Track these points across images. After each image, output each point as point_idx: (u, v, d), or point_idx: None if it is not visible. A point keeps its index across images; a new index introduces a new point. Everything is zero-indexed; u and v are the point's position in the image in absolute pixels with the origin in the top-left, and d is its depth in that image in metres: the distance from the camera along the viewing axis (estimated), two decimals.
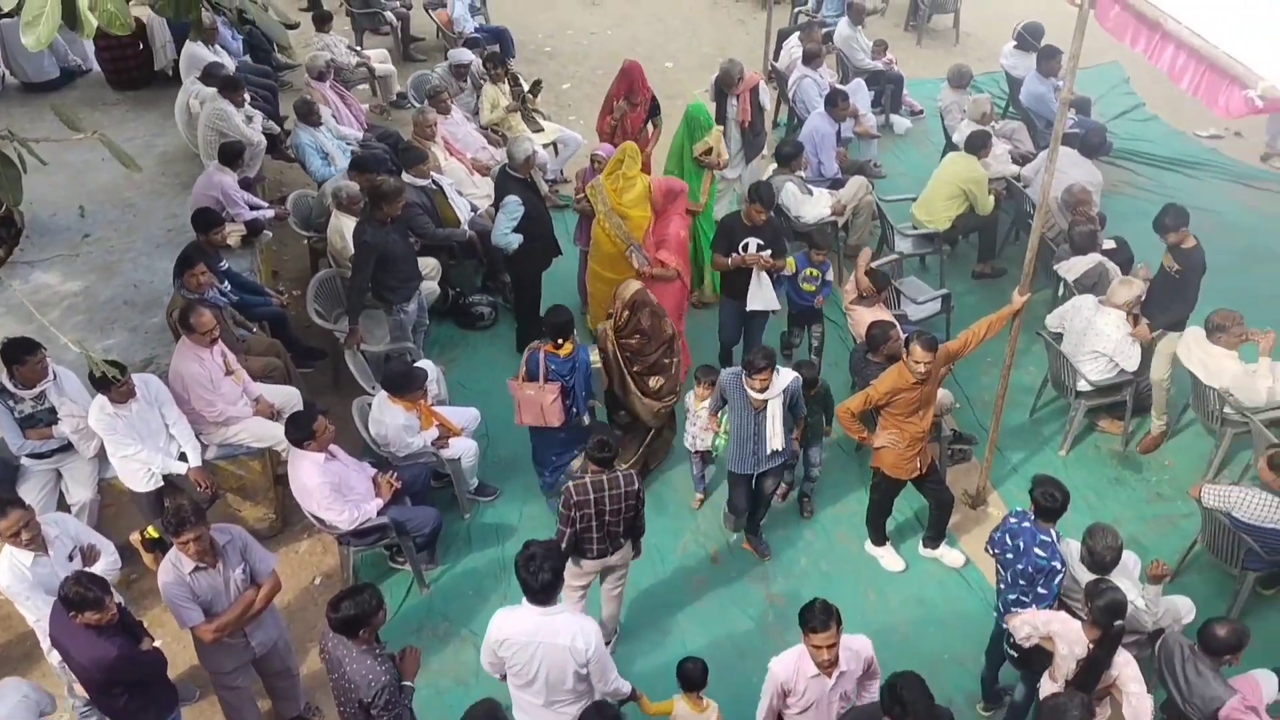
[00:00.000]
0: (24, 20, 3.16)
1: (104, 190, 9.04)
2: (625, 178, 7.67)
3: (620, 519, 5.69)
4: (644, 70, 9.10)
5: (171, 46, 10.67)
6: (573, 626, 4.73)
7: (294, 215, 8.68)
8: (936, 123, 10.76)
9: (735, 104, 9.32)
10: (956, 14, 13.08)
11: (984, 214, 8.93)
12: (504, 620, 4.79)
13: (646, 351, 6.93)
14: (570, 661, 4.71)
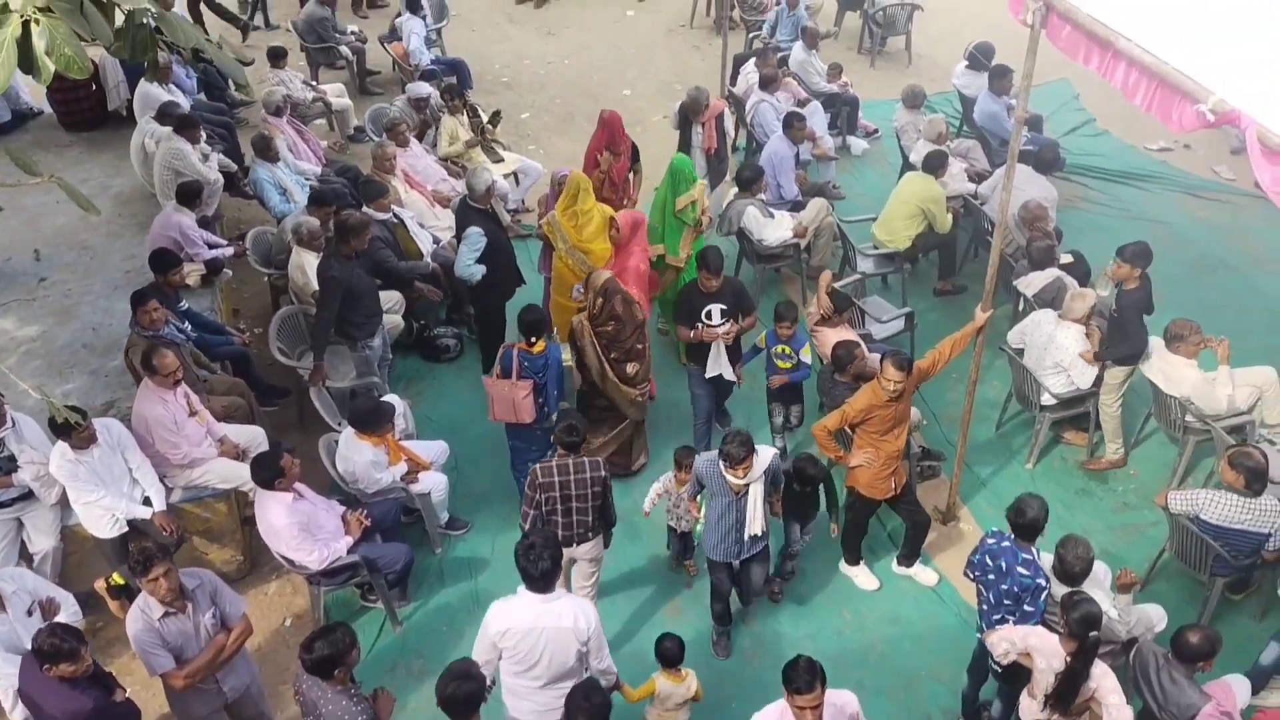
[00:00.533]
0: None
1: (60, 233, 8.93)
2: (582, 213, 7.69)
3: (588, 505, 5.85)
4: (621, 118, 8.90)
5: (125, 86, 10.58)
6: (573, 608, 4.94)
7: (253, 252, 8.61)
8: (893, 143, 10.90)
9: (700, 131, 9.38)
10: (908, 36, 13.28)
11: (943, 232, 9.04)
12: (503, 611, 4.93)
13: (622, 337, 7.03)
14: (574, 643, 4.90)
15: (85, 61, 3.13)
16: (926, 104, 10.88)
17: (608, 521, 6.06)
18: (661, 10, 14.71)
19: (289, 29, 12.98)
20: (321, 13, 12.11)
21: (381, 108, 10.94)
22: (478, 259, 7.84)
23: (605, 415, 7.30)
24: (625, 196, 8.83)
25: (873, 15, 13.18)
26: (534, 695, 5.06)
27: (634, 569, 6.90)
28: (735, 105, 11.27)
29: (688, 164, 8.29)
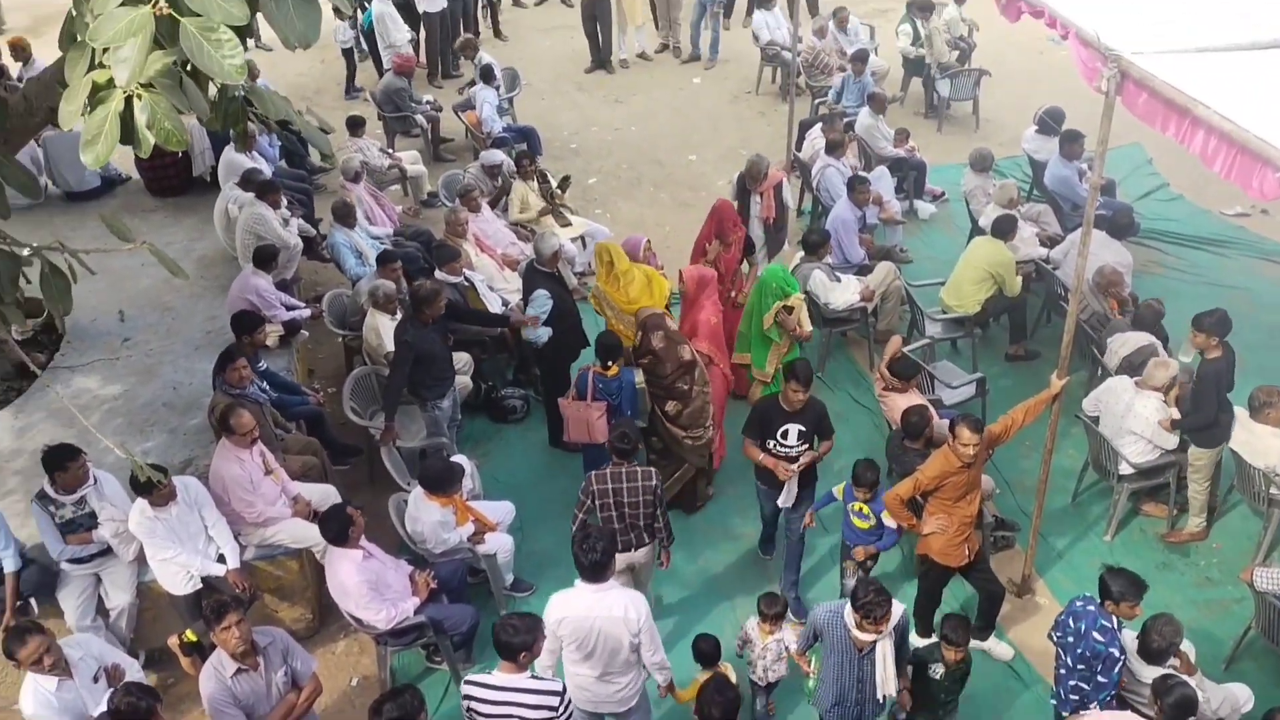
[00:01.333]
0: (84, 139, 3.26)
1: (143, 294, 9.21)
2: (622, 274, 7.79)
3: (640, 513, 6.12)
4: (733, 208, 8.79)
5: (210, 153, 10.95)
6: (624, 599, 5.16)
7: (329, 314, 8.80)
8: (961, 207, 10.85)
9: (759, 201, 9.35)
10: (975, 101, 13.26)
11: (1013, 296, 8.94)
12: (560, 601, 5.20)
13: (660, 373, 7.12)
14: (625, 633, 5.12)
15: (184, 135, 3.26)
16: (995, 168, 10.83)
17: (661, 533, 6.32)
18: (728, 78, 14.90)
19: (367, 98, 13.38)
20: (399, 83, 12.46)
21: (454, 174, 11.18)
22: (543, 322, 7.96)
23: (663, 459, 7.38)
24: (737, 290, 8.54)
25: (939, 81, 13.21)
26: (592, 686, 5.33)
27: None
28: (801, 170, 11.33)
29: (779, 274, 7.81)
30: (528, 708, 4.85)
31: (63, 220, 10.38)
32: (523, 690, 4.87)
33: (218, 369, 7.22)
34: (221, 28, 3.10)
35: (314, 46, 3.66)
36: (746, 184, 9.38)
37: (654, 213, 11.79)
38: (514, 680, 4.89)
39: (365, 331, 8.25)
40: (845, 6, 13.86)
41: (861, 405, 8.77)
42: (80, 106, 3.36)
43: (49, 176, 10.93)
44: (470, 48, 13.17)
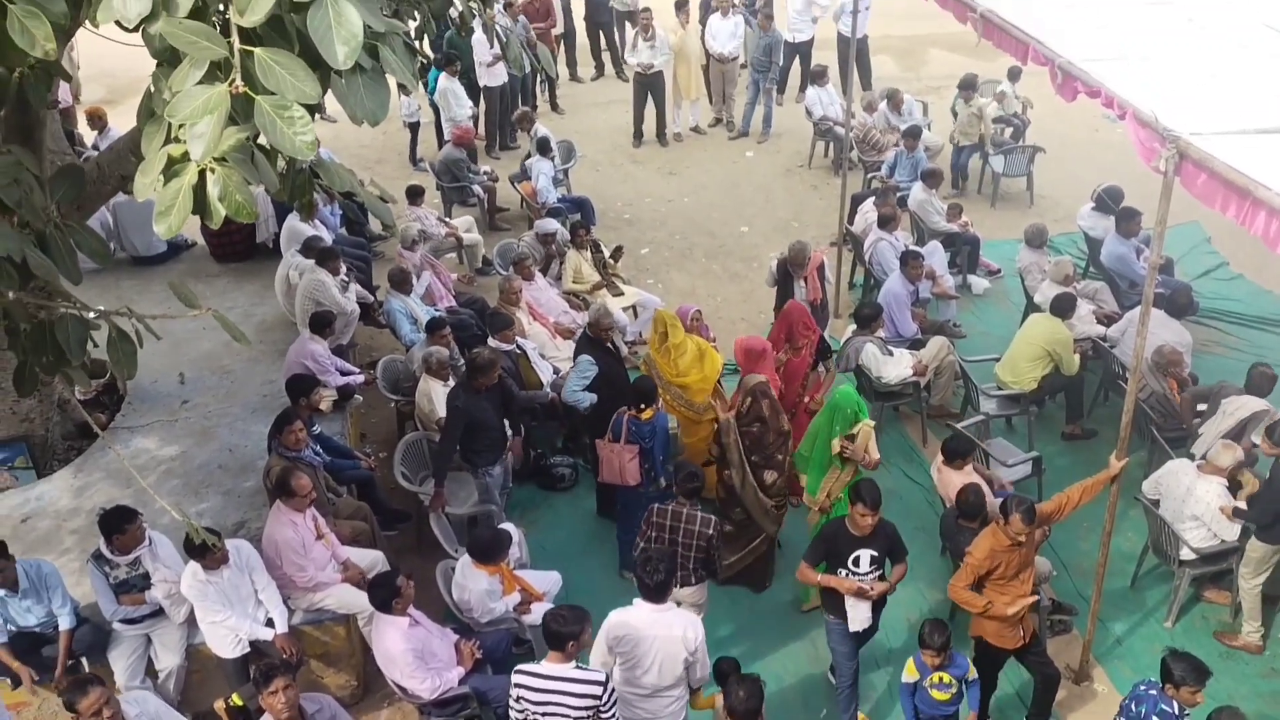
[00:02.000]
0: (158, 210, 3.37)
1: (204, 358, 9.39)
2: (674, 347, 7.84)
3: (692, 554, 6.43)
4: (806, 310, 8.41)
5: (273, 221, 11.22)
6: (683, 620, 5.48)
7: (383, 379, 8.91)
8: (1015, 282, 10.78)
9: (804, 285, 9.26)
10: (1030, 177, 13.24)
11: (1070, 375, 8.82)
12: (619, 617, 5.51)
13: (765, 441, 7.18)
14: (682, 652, 5.41)
15: (253, 207, 3.36)
16: (1050, 244, 10.77)
17: (711, 572, 6.61)
18: (780, 151, 15.03)
19: (427, 168, 13.67)
20: (457, 154, 12.74)
21: (509, 243, 11.34)
22: (588, 388, 8.07)
23: (741, 531, 7.38)
24: (810, 396, 8.06)
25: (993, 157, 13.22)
26: (641, 703, 5.56)
27: None
28: (853, 243, 11.35)
29: (852, 399, 7.05)
30: (573, 696, 5.15)
31: (130, 284, 10.66)
32: (569, 680, 5.17)
33: (274, 432, 7.33)
34: (294, 105, 3.20)
35: None
36: (789, 269, 9.29)
37: (705, 283, 11.85)
38: (561, 670, 5.19)
39: (418, 397, 8.33)
40: (899, 89, 13.96)
41: (915, 482, 8.66)
42: (155, 179, 3.47)
43: (118, 241, 11.26)
44: (527, 120, 13.46)
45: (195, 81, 3.28)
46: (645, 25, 14.46)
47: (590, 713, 5.19)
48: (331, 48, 3.16)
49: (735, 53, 15.09)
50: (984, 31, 7.23)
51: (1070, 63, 6.14)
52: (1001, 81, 13.85)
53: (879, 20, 16.38)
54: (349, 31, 3.17)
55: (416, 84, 4.16)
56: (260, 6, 3.14)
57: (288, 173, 4.46)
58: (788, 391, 7.96)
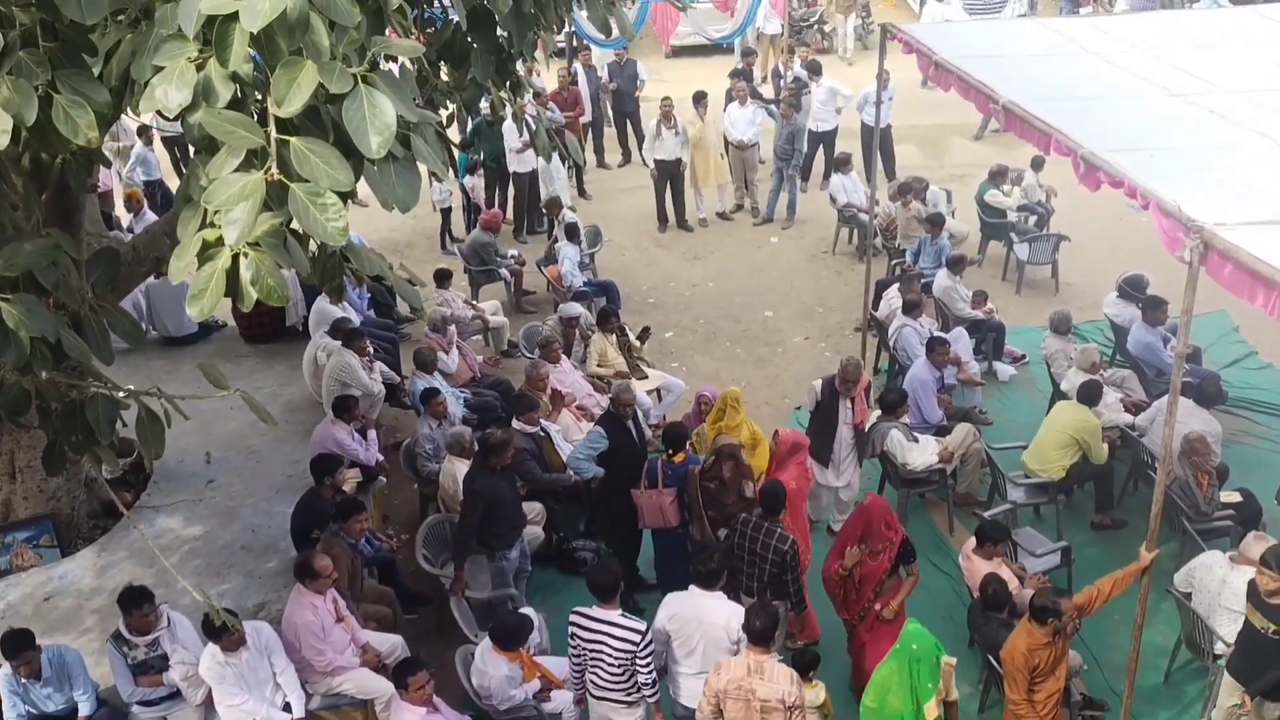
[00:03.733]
0: (191, 293, 3.43)
1: (230, 437, 9.45)
2: (729, 428, 7.80)
3: (766, 570, 6.74)
4: (889, 508, 7.23)
5: (302, 304, 11.37)
6: (729, 610, 6.07)
7: (405, 461, 8.92)
8: (1041, 370, 10.73)
9: (850, 406, 8.53)
10: (1055, 265, 13.25)
11: (1099, 463, 8.73)
12: (672, 600, 6.24)
13: (722, 499, 7.38)
14: (725, 639, 5.99)
15: (285, 291, 3.41)
16: (1075, 331, 10.74)
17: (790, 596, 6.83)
18: (805, 237, 15.15)
19: (455, 253, 13.85)
20: (486, 239, 12.90)
21: (534, 325, 11.44)
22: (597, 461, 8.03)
23: None
24: (883, 604, 6.92)
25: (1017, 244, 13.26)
26: (688, 681, 6.18)
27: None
28: (878, 329, 11.36)
29: (929, 643, 5.86)
30: (615, 639, 6.02)
31: (160, 364, 10.79)
32: (613, 624, 6.05)
33: (339, 514, 7.28)
34: (327, 193, 3.27)
35: None
36: (837, 387, 8.48)
37: (729, 368, 11.87)
38: (607, 615, 6.10)
39: (443, 478, 8.33)
40: (923, 178, 14.04)
41: (941, 571, 8.51)
42: (190, 262, 3.54)
43: (149, 321, 11.44)
44: (555, 206, 13.65)
45: (232, 169, 3.37)
46: (666, 114, 14.70)
47: (629, 658, 5.99)
48: (365, 138, 3.24)
49: (754, 139, 15.32)
50: (1007, 123, 7.32)
51: (1093, 154, 6.21)
52: (1026, 170, 13.96)
53: (903, 111, 16.63)
54: (383, 122, 3.25)
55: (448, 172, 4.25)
56: (297, 98, 3.23)
57: (319, 257, 4.54)
58: (858, 597, 6.98)
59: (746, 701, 5.57)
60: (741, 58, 17.24)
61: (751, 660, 5.64)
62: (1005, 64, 8.22)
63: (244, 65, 3.35)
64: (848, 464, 8.67)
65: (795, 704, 5.57)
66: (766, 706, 5.55)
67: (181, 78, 3.39)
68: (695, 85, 15.91)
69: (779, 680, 5.57)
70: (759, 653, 5.65)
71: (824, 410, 8.53)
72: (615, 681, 6.11)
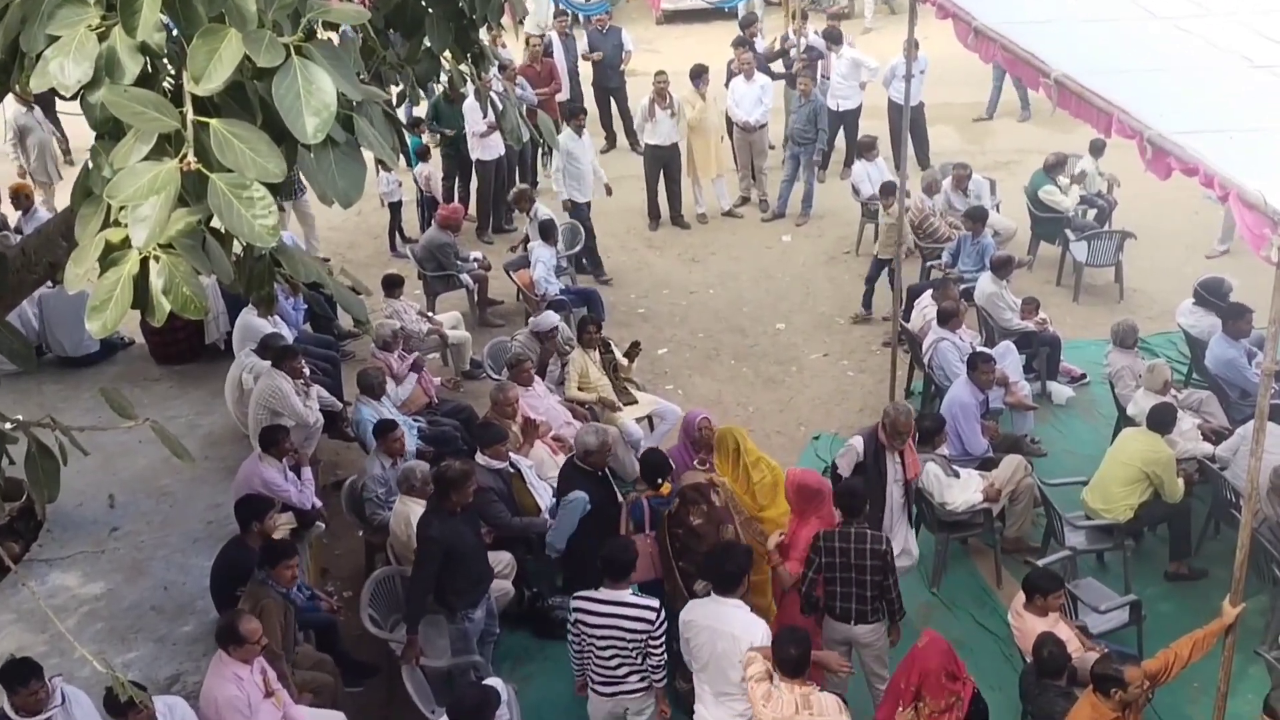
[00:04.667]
0: (91, 305, 3.42)
1: (138, 477, 9.44)
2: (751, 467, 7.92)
3: (868, 579, 6.89)
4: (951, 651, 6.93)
5: (224, 318, 11.36)
6: (746, 622, 6.29)
7: (348, 503, 8.90)
8: (1104, 390, 10.78)
9: (899, 461, 8.23)
10: (1119, 267, 13.31)
11: (1173, 501, 8.76)
12: (692, 605, 6.59)
13: (692, 548, 7.37)
14: (735, 651, 6.16)
15: (203, 301, 3.39)
16: (1143, 344, 10.79)
17: (891, 606, 7.08)
18: (823, 235, 15.22)
19: (408, 255, 13.84)
20: (444, 239, 12.87)
21: (502, 341, 11.44)
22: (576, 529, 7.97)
23: None
24: None
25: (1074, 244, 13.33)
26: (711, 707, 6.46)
27: None
28: (910, 344, 11.41)
29: None
30: (628, 619, 6.42)
31: (55, 389, 10.78)
32: (625, 604, 6.45)
33: (264, 560, 7.26)
34: (255, 185, 3.27)
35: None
36: (883, 440, 8.18)
37: (734, 389, 11.90)
38: (618, 595, 6.48)
39: (393, 522, 8.30)
40: (966, 164, 14.13)
41: (987, 630, 8.54)
42: (90, 268, 3.53)
43: (42, 339, 11.40)
44: (525, 200, 13.61)
45: (141, 157, 3.36)
46: (661, 91, 14.75)
47: (644, 638, 6.41)
48: (300, 119, 3.25)
49: (762, 120, 15.40)
50: (1059, 99, 7.36)
51: (1162, 135, 6.23)
52: (1083, 156, 14.06)
53: (937, 87, 16.73)
54: (320, 101, 3.25)
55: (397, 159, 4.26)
56: (219, 73, 3.24)
57: (244, 261, 4.53)
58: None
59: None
60: (742, 28, 17.34)
61: (797, 695, 5.88)
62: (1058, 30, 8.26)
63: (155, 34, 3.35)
64: (900, 528, 8.26)
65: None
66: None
67: (80, 49, 3.39)
68: (690, 57, 16.01)
69: (829, 713, 5.87)
70: (800, 685, 5.90)
71: (868, 471, 8.12)
72: (627, 668, 6.60)
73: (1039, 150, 14.32)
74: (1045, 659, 6.56)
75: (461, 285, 13.10)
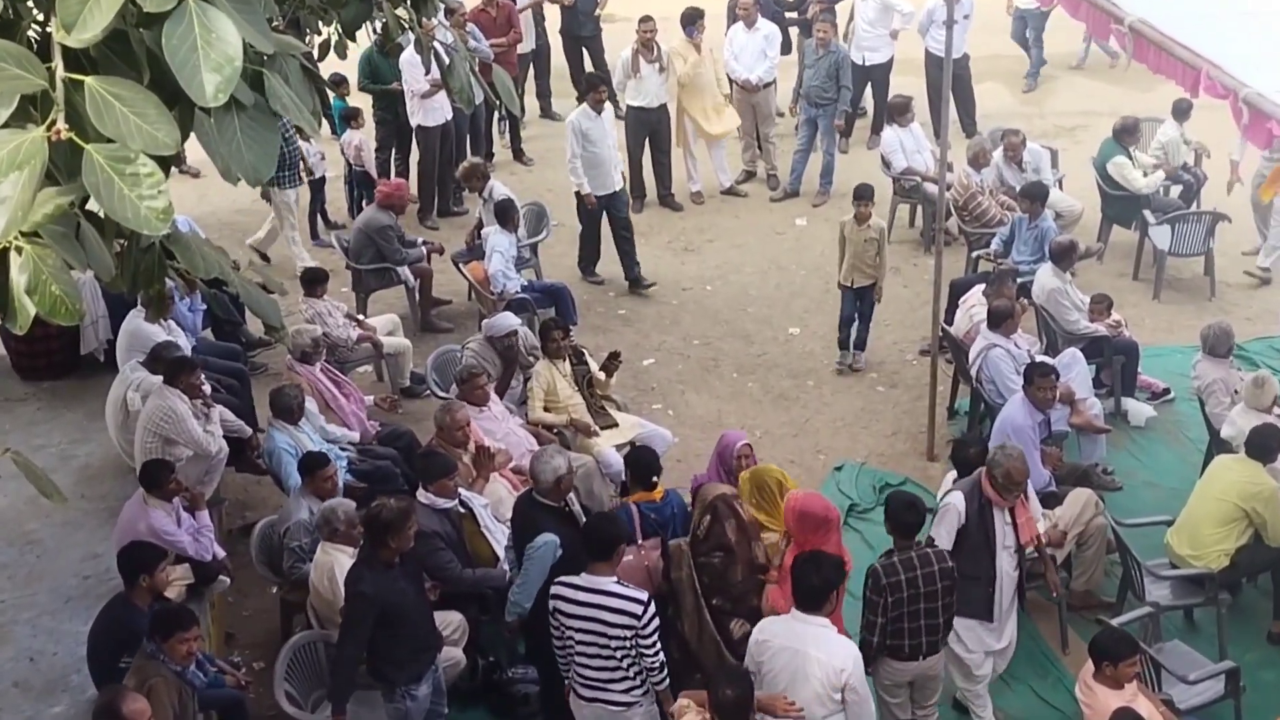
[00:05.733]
0: None
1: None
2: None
3: (939, 604, 7.24)
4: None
5: (105, 323, 11.29)
6: (841, 648, 6.60)
7: (258, 554, 8.86)
8: (1191, 408, 10.83)
9: (1008, 520, 7.88)
10: (1209, 257, 13.34)
11: (1278, 545, 8.79)
12: (768, 623, 6.85)
13: (730, 578, 7.61)
14: (819, 674, 6.45)
15: (76, 303, 3.36)
16: (1240, 352, 10.84)
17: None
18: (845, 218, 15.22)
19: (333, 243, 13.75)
20: (385, 220, 12.81)
21: (449, 350, 11.42)
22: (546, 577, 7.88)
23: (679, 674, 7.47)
24: None
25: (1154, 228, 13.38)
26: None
27: None
28: (954, 351, 11.42)
29: None
30: (611, 611, 6.72)
31: None
32: (608, 593, 6.75)
33: (154, 630, 7.19)
34: (141, 158, 3.24)
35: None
36: (991, 491, 7.79)
37: (737, 409, 11.91)
38: (601, 583, 6.80)
39: (314, 576, 8.26)
40: (1019, 130, 14.14)
41: (1051, 706, 8.56)
42: None
43: None
44: (478, 176, 13.46)
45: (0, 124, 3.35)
46: (646, 41, 14.72)
47: (629, 637, 6.69)
48: (197, 77, 3.22)
49: (768, 76, 15.41)
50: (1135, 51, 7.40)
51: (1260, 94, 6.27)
52: (1164, 120, 14.11)
53: (983, 35, 16.81)
54: (222, 54, 3.23)
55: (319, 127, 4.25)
56: (95, 19, 3.21)
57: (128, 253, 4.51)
58: None
59: None
60: None
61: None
62: None
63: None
64: (1011, 614, 8.05)
65: None
66: None
67: None
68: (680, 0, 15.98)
69: None
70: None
71: (970, 536, 7.84)
72: (610, 672, 6.87)
73: (1110, 113, 14.38)
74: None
75: (400, 281, 13.05)
